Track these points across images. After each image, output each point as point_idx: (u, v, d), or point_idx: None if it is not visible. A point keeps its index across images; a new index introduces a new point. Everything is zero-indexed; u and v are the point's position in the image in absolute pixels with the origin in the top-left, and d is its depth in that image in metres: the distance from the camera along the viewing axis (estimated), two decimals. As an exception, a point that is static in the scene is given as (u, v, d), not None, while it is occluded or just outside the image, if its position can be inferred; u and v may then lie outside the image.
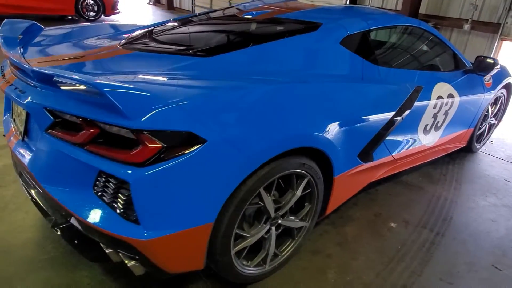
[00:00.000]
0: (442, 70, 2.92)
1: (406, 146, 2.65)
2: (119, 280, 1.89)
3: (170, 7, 14.43)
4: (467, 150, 3.72)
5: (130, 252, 1.46)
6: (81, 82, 1.35)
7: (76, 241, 1.61)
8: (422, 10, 7.27)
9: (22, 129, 1.75)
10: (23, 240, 2.11)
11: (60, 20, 9.93)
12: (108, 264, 1.98)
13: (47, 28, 2.44)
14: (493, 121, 3.84)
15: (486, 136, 3.88)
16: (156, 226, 1.40)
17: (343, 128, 1.94)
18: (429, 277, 2.09)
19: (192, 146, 1.37)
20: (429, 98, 2.61)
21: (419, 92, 2.49)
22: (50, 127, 1.52)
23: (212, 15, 2.81)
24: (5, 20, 2.28)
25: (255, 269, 1.88)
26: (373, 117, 2.14)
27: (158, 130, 1.32)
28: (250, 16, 2.53)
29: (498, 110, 3.82)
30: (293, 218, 1.98)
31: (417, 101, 2.48)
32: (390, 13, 2.89)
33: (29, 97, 1.56)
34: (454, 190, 3.07)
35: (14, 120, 1.92)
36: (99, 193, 1.46)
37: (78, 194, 1.50)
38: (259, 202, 1.73)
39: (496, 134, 4.25)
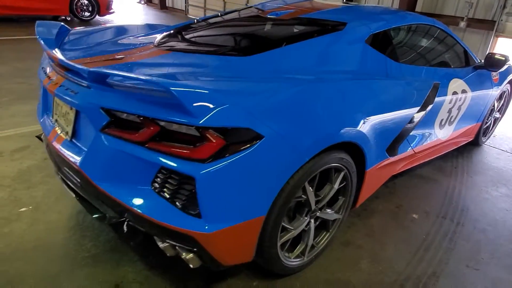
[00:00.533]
0: (455, 66, 3.03)
1: (425, 140, 2.75)
2: (164, 275, 1.94)
3: (162, 6, 14.37)
4: (474, 143, 3.86)
5: (189, 245, 1.51)
6: (148, 83, 1.40)
7: (133, 237, 1.66)
8: (418, 8, 7.43)
9: (69, 129, 1.79)
10: (62, 239, 2.14)
11: (54, 20, 9.81)
12: (151, 260, 2.02)
13: (73, 30, 2.46)
14: (497, 115, 3.98)
15: (491, 130, 4.02)
16: (217, 219, 1.46)
17: (376, 124, 2.03)
18: (456, 265, 2.19)
19: (251, 142, 1.43)
20: (445, 94, 2.71)
21: (437, 88, 2.59)
22: (106, 126, 1.56)
23: (235, 15, 2.86)
24: (37, 22, 2.30)
25: (295, 260, 1.95)
26: (401, 112, 2.23)
27: (221, 127, 1.38)
28: (274, 16, 2.60)
29: (502, 104, 3.97)
30: (329, 211, 2.05)
31: (436, 97, 2.58)
32: (407, 12, 2.99)
33: (83, 98, 1.60)
34: (466, 182, 3.19)
35: (56, 121, 1.95)
36: (158, 189, 1.51)
37: (135, 190, 1.55)
38: (302, 196, 1.80)
39: (498, 127, 4.39)
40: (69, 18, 9.95)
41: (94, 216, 1.81)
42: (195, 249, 1.52)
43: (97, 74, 1.54)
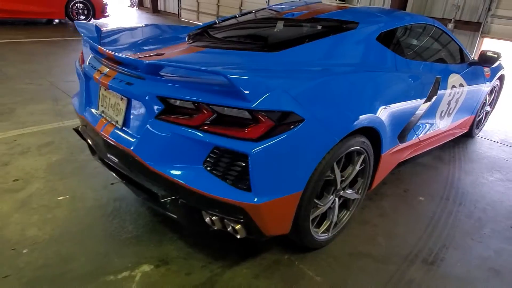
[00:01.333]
0: (452, 62, 3.30)
1: (428, 130, 3.01)
2: (204, 251, 2.13)
3: (155, 10, 14.49)
4: (468, 135, 4.15)
5: (238, 216, 1.71)
6: (208, 72, 1.59)
7: (181, 213, 1.84)
8: (408, 9, 7.78)
9: (120, 118, 1.96)
10: (103, 223, 2.30)
11: (49, 23, 9.87)
12: (189, 240, 2.21)
13: (104, 30, 2.63)
14: (488, 109, 4.29)
15: (483, 122, 4.33)
16: (264, 193, 1.66)
17: (391, 112, 2.26)
18: (462, 238, 2.44)
19: (294, 124, 1.64)
20: (445, 87, 2.98)
21: (439, 82, 2.85)
22: (161, 113, 1.75)
23: (253, 16, 3.07)
24: (76, 22, 2.47)
25: (322, 235, 2.16)
26: (411, 103, 2.48)
27: (270, 110, 1.58)
28: (291, 17, 2.82)
29: (493, 99, 4.27)
30: (350, 191, 2.27)
31: (438, 90, 2.84)
32: (410, 13, 3.25)
33: (139, 88, 1.78)
34: (464, 168, 3.46)
35: (102, 112, 2.12)
36: (210, 167, 1.70)
37: (188, 169, 1.74)
38: (330, 175, 2.02)
39: (489, 121, 4.71)
40: (63, 21, 10.02)
41: (141, 197, 2.00)
42: (242, 220, 1.72)
43: (155, 66, 1.73)
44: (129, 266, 1.99)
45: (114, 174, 2.11)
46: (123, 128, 1.96)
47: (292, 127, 1.64)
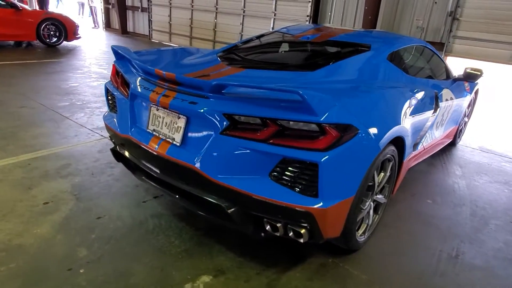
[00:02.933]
0: (441, 78, 3.69)
1: (429, 139, 3.34)
2: (255, 260, 2.24)
3: (124, 31, 14.41)
4: (452, 143, 4.57)
5: (303, 221, 1.86)
6: (280, 90, 1.76)
7: (243, 222, 1.96)
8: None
9: (178, 136, 2.07)
10: (149, 239, 2.35)
11: (17, 46, 9.55)
12: (236, 250, 2.31)
13: (137, 52, 2.72)
14: (466, 119, 4.76)
15: (463, 131, 4.79)
16: (329, 197, 1.83)
17: (412, 122, 2.54)
18: (474, 234, 2.73)
19: (351, 135, 1.85)
20: (441, 101, 3.33)
21: (437, 96, 3.20)
22: (226, 129, 1.89)
23: (272, 38, 3.28)
24: (112, 46, 2.57)
25: (361, 238, 2.36)
26: (425, 114, 2.78)
27: (335, 123, 1.78)
28: (306, 40, 3.07)
29: (470, 110, 4.76)
30: (380, 196, 2.50)
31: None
32: (405, 35, 3.61)
33: (205, 106, 1.91)
34: (456, 173, 3.83)
35: (154, 130, 2.21)
36: (276, 177, 1.85)
37: (255, 180, 1.88)
38: (371, 181, 2.23)
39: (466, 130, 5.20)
40: (32, 44, 9.74)
41: (198, 210, 2.10)
42: (307, 225, 1.87)
43: (222, 86, 1.87)
44: (189, 278, 2.06)
45: (165, 190, 2.20)
46: (182, 145, 2.07)
47: (351, 137, 1.84)
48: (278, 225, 1.92)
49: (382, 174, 2.40)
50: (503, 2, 6.66)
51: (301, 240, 1.93)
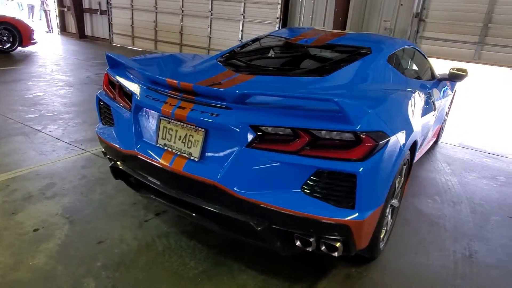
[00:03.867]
0: (429, 79, 3.77)
1: (425, 139, 3.38)
2: (277, 276, 2.13)
3: (81, 35, 13.68)
4: (435, 142, 4.71)
5: (340, 234, 1.78)
6: (318, 98, 1.67)
7: (272, 239, 1.85)
8: (346, 31, 8.55)
9: (196, 150, 1.91)
10: (161, 262, 2.17)
11: (-35, 53, 8.76)
12: (257, 267, 2.19)
13: (131, 59, 2.52)
14: (446, 117, 4.92)
15: (443, 129, 4.95)
16: (365, 208, 1.76)
17: (422, 124, 2.54)
18: (479, 231, 2.78)
19: (384, 142, 1.79)
20: (435, 101, 3.40)
21: (430, 96, 3.25)
22: (253, 142, 1.77)
23: (270, 42, 3.18)
24: (106, 54, 2.35)
25: (381, 244, 2.32)
26: (429, 115, 2.80)
27: (369, 131, 1.71)
28: (304, 43, 3.00)
29: (449, 109, 4.93)
30: (395, 200, 2.47)
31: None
32: (396, 38, 3.65)
33: (229, 118, 1.78)
34: (446, 170, 3.93)
35: (165, 145, 2.03)
36: (309, 190, 1.75)
37: (286, 194, 1.77)
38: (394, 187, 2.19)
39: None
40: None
41: (219, 228, 1.96)
42: (343, 237, 1.79)
43: (246, 94, 1.75)
44: (214, 302, 1.92)
45: (179, 208, 2.04)
46: (201, 160, 1.92)
47: (384, 145, 1.78)
48: (311, 239, 1.82)
49: (398, 178, 2.37)
50: (465, 4, 7.01)
51: (335, 254, 1.85)
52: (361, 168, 1.67)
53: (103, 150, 2.58)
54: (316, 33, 3.31)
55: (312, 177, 1.74)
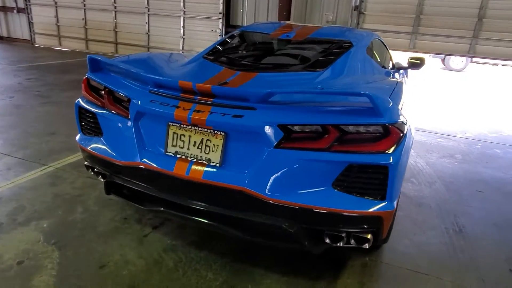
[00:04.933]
0: (391, 68, 3.97)
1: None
2: (297, 276, 2.10)
3: (-4, 36, 12.20)
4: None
5: (372, 227, 1.79)
6: (350, 93, 1.65)
7: (303, 239, 1.81)
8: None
9: (215, 155, 1.79)
10: (177, 278, 2.02)
11: None
12: (276, 269, 2.14)
13: (112, 61, 2.28)
14: (399, 103, 5.25)
15: (398, 115, 5.27)
16: (393, 198, 1.80)
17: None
18: (458, 206, 3.01)
19: (403, 132, 1.83)
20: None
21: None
22: (281, 142, 1.71)
23: (252, 39, 3.08)
24: (89, 56, 2.10)
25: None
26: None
27: (395, 122, 1.74)
28: (286, 38, 2.97)
29: (401, 95, 5.26)
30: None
31: (403, 91, 3.42)
32: (366, 30, 3.77)
33: (255, 119, 1.69)
34: (411, 153, 4.19)
35: (176, 153, 1.87)
36: (340, 185, 1.74)
37: (316, 193, 1.74)
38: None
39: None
40: None
41: (248, 237, 1.87)
42: (374, 229, 1.81)
43: (271, 93, 1.68)
44: (248, 312, 1.83)
45: (196, 218, 1.91)
46: (223, 165, 1.80)
47: (405, 134, 1.82)
48: (343, 235, 1.81)
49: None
50: (399, -3, 7.53)
51: (366, 246, 1.86)
52: (392, 159, 1.70)
53: (87, 163, 2.32)
54: (292, 27, 3.30)
55: (343, 173, 1.73)
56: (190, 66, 2.46)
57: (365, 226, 1.80)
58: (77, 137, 2.35)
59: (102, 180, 2.29)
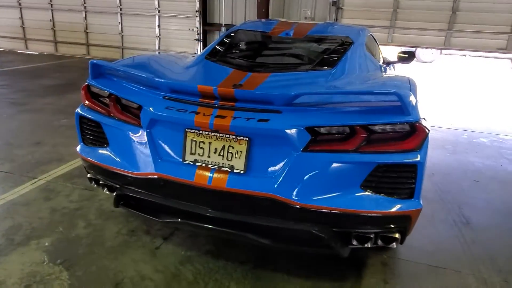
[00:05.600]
0: (385, 63, 4.01)
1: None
2: (320, 280, 2.06)
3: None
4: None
5: (401, 226, 1.78)
6: (378, 93, 1.61)
7: (333, 243, 1.76)
8: (270, 17, 8.67)
9: (239, 162, 1.72)
10: (201, 292, 1.94)
11: None
12: (298, 272, 2.09)
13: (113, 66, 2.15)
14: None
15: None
16: (419, 196, 1.78)
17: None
18: (461, 197, 3.07)
19: (428, 130, 1.82)
20: (395, 83, 3.62)
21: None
22: (308, 145, 1.65)
23: (250, 37, 3.00)
24: (92, 61, 1.97)
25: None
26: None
27: (420, 120, 1.72)
28: (285, 36, 2.91)
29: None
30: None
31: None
32: (361, 26, 3.77)
33: (283, 122, 1.63)
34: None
35: (195, 161, 1.78)
36: (369, 186, 1.71)
37: (345, 195, 1.71)
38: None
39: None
40: None
41: (275, 245, 1.81)
42: (401, 228, 1.80)
43: (297, 95, 1.62)
44: (279, 322, 1.78)
45: (218, 229, 1.83)
46: (247, 172, 1.73)
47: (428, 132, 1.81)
48: (371, 235, 1.79)
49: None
50: (376, -8, 7.64)
51: (393, 245, 1.85)
52: (419, 157, 1.69)
53: (90, 175, 2.18)
54: (289, 25, 3.24)
55: (372, 173, 1.70)
56: (195, 68, 2.36)
57: (394, 226, 1.78)
58: (78, 147, 2.20)
59: (108, 192, 2.16)
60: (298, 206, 1.68)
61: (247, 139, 1.70)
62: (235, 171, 1.74)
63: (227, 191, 1.73)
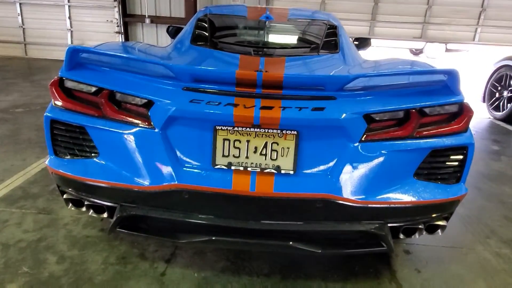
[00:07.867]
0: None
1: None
2: (350, 282, 1.90)
3: None
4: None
5: (448, 213, 1.69)
6: (437, 72, 1.47)
7: (387, 239, 1.60)
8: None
9: (287, 160, 1.45)
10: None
11: None
12: (326, 278, 1.90)
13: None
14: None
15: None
16: (465, 179, 1.70)
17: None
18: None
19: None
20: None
21: None
22: (365, 134, 1.46)
23: (233, 22, 2.66)
24: (71, 47, 1.48)
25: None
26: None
27: (463, 99, 1.63)
28: (266, 19, 2.65)
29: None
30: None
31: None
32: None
33: (339, 111, 1.40)
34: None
35: (230, 164, 1.45)
36: (422, 174, 1.59)
37: (400, 187, 1.56)
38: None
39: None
40: None
41: (327, 249, 1.59)
42: (448, 215, 1.71)
43: (354, 78, 1.41)
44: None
45: (264, 242, 1.54)
46: (297, 171, 1.46)
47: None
48: (420, 226, 1.66)
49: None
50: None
51: (439, 233, 1.75)
52: (471, 138, 1.61)
53: (70, 196, 1.70)
54: (262, 9, 2.98)
55: (426, 159, 1.58)
56: (193, 54, 1.98)
57: (442, 213, 1.69)
58: (47, 161, 1.69)
59: (96, 215, 1.71)
60: (358, 205, 1.47)
61: (295, 132, 1.44)
62: (282, 171, 1.46)
63: (275, 196, 1.44)
